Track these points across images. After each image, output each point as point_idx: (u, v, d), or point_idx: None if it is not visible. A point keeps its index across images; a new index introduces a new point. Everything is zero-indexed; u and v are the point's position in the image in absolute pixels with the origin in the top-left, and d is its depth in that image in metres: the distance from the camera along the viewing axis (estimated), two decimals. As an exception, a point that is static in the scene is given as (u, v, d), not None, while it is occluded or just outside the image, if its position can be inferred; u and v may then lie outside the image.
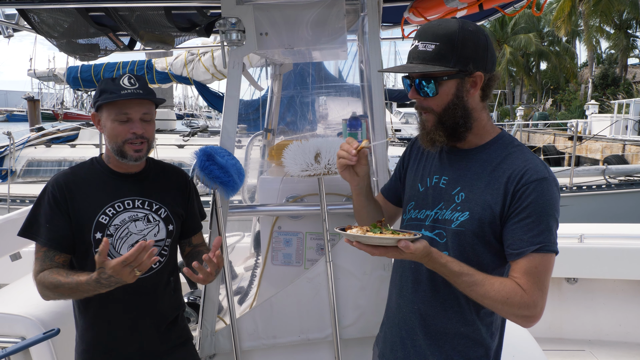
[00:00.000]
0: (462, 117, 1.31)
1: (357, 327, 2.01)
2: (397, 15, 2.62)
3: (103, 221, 1.56)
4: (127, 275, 1.35)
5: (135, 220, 1.60)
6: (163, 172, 1.73)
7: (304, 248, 2.15)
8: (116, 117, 1.54)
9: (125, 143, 1.54)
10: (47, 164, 8.01)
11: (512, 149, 1.33)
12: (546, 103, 36.16)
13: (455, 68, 1.25)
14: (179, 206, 1.70)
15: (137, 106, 1.55)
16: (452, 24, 1.26)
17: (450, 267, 1.22)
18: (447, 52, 1.24)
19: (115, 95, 1.51)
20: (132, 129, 1.54)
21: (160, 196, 1.66)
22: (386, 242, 1.14)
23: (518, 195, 1.24)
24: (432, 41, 1.25)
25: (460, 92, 1.29)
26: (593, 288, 3.47)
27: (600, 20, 27.41)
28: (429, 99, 1.31)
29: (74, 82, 7.95)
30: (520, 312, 1.22)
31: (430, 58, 1.26)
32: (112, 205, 1.58)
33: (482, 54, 1.28)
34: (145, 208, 1.62)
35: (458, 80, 1.28)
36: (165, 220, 1.65)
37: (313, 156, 1.82)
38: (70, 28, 2.40)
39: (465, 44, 1.24)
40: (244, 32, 1.91)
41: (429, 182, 1.42)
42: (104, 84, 1.56)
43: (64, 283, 1.46)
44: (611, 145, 15.08)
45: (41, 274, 1.52)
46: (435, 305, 1.38)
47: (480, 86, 1.30)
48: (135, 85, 1.54)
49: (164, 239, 1.65)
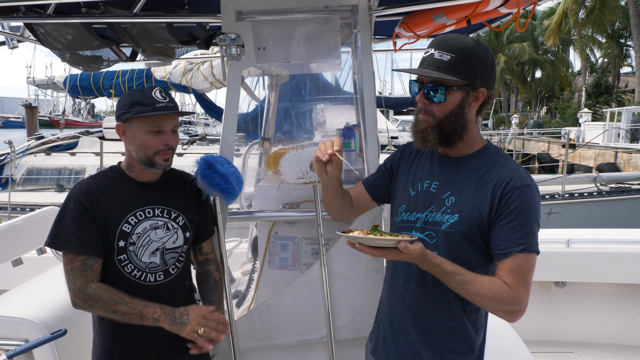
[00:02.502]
0: (460, 127, 1.42)
1: (351, 328, 2.08)
2: (390, 29, 2.73)
3: (126, 229, 1.61)
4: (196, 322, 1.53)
5: (156, 229, 1.66)
6: (179, 180, 1.80)
7: (300, 252, 2.23)
8: (150, 129, 1.59)
9: (156, 154, 1.61)
10: (47, 172, 8.03)
11: (498, 159, 1.45)
12: (541, 111, 36.48)
13: (465, 81, 1.37)
14: (194, 213, 1.77)
15: (170, 119, 1.62)
16: (468, 41, 1.39)
17: (443, 267, 1.32)
18: (461, 65, 1.36)
19: (150, 109, 1.56)
20: (165, 140, 1.61)
21: (178, 204, 1.73)
22: (387, 244, 1.24)
23: (504, 200, 1.35)
24: (448, 52, 1.37)
25: (464, 104, 1.41)
26: (581, 291, 3.57)
27: (593, 30, 27.79)
28: (434, 105, 1.41)
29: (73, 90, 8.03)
30: (507, 307, 1.33)
31: (444, 67, 1.37)
32: (134, 214, 1.63)
33: (489, 73, 1.41)
34: (164, 216, 1.68)
35: (464, 93, 1.40)
36: (183, 228, 1.72)
37: (308, 164, 1.91)
38: (75, 40, 2.49)
39: (477, 61, 1.37)
40: (243, 47, 2.00)
41: (420, 186, 1.53)
42: (136, 96, 1.59)
43: (129, 302, 1.54)
44: (604, 153, 15.26)
45: (94, 286, 1.54)
46: (424, 301, 1.48)
47: (480, 101, 1.42)
48: (167, 99, 1.60)
49: (181, 246, 1.71)
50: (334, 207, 1.70)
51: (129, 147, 1.66)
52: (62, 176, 7.88)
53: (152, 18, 2.14)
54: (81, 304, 1.55)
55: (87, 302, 1.54)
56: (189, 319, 1.54)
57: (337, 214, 1.74)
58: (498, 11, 2.12)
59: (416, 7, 2.06)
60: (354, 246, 1.29)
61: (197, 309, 1.58)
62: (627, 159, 13.77)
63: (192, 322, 1.54)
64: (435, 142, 1.44)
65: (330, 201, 1.68)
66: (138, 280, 1.64)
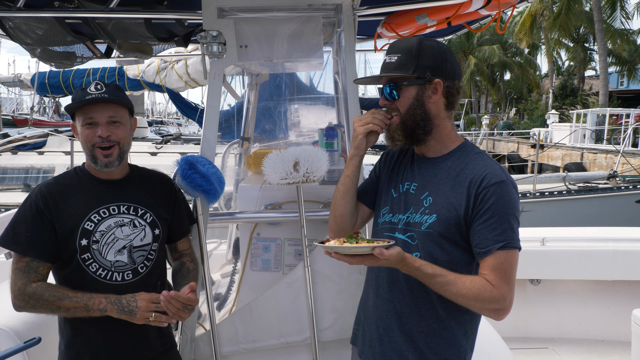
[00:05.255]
0: (422, 120, 1.44)
1: (334, 330, 2.07)
2: (370, 29, 2.74)
3: (88, 227, 1.56)
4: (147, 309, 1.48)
5: (122, 226, 1.61)
6: (147, 178, 1.75)
7: (282, 254, 2.21)
8: (84, 122, 1.56)
9: (94, 147, 1.56)
10: (13, 172, 7.73)
11: (473, 156, 1.46)
12: (510, 112, 37.42)
13: (414, 74, 1.41)
14: (164, 211, 1.72)
15: (102, 110, 1.56)
16: (412, 40, 1.45)
17: (423, 269, 1.32)
18: (407, 61, 1.42)
19: (81, 102, 1.54)
20: (97, 131, 1.55)
21: (145, 201, 1.67)
22: (362, 251, 1.25)
23: (480, 198, 1.36)
24: (395, 54, 1.44)
25: (421, 97, 1.43)
26: (555, 289, 3.66)
27: (559, 34, 28.68)
28: (395, 102, 1.46)
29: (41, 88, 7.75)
30: (491, 306, 1.34)
31: (393, 67, 1.44)
32: (97, 211, 1.59)
33: (441, 64, 1.43)
34: (130, 213, 1.63)
35: (418, 86, 1.43)
36: (151, 225, 1.66)
37: (292, 165, 1.89)
38: (47, 35, 2.40)
39: (422, 55, 1.41)
40: (224, 45, 1.96)
41: (401, 188, 1.53)
42: (75, 94, 1.59)
43: (72, 296, 1.49)
44: (570, 153, 15.76)
45: (33, 286, 1.51)
46: (409, 303, 1.48)
47: (440, 92, 1.44)
48: (102, 90, 1.56)
49: (150, 244, 1.66)
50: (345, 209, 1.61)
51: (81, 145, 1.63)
52: (29, 175, 7.60)
53: (130, 13, 2.07)
54: (22, 305, 1.52)
55: (28, 302, 1.51)
56: (137, 305, 1.50)
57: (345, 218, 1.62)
58: (479, 13, 2.15)
59: (400, 7, 2.07)
60: (331, 255, 1.30)
61: (144, 295, 1.53)
62: (593, 159, 14.27)
63: (141, 309, 1.50)
64: (401, 139, 1.46)
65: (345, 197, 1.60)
66: (103, 280, 1.59)
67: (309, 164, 1.89)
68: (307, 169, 1.89)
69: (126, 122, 1.63)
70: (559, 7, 26.86)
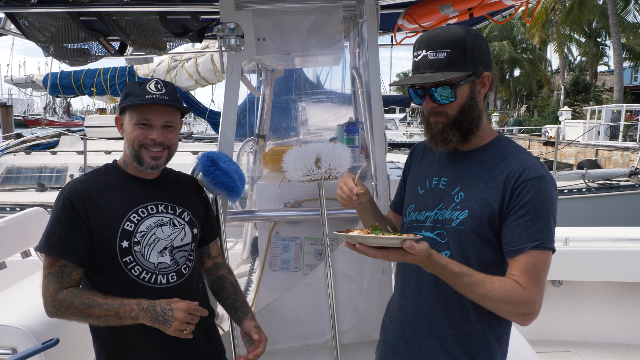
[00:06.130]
0: (477, 118, 1.36)
1: (356, 332, 2.01)
2: (387, 22, 2.67)
3: (129, 228, 1.48)
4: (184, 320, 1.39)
5: (162, 225, 1.53)
6: (177, 178, 1.69)
7: (302, 253, 2.15)
8: (137, 122, 1.48)
9: (141, 147, 1.49)
10: (27, 171, 7.77)
11: (510, 150, 1.37)
12: (520, 109, 37.05)
13: (469, 72, 1.31)
14: (198, 210, 1.67)
15: (160, 113, 1.49)
16: (458, 31, 1.31)
17: (450, 268, 1.23)
18: (460, 58, 1.30)
19: (138, 99, 1.46)
20: (151, 134, 1.49)
21: (181, 200, 1.62)
22: (391, 243, 1.12)
23: (517, 193, 1.27)
24: (442, 49, 1.30)
25: (474, 94, 1.34)
26: (578, 290, 3.55)
27: (571, 29, 28.31)
28: (445, 105, 1.34)
29: (53, 89, 7.78)
30: (520, 309, 1.25)
31: (444, 65, 1.30)
32: (136, 211, 1.51)
33: (486, 55, 1.35)
34: (169, 212, 1.57)
35: (471, 83, 1.33)
36: (190, 224, 1.60)
37: (314, 161, 1.83)
38: (61, 32, 2.36)
39: (473, 48, 1.31)
40: (242, 37, 1.90)
41: (428, 184, 1.45)
42: (130, 87, 1.51)
43: (102, 303, 1.39)
44: (584, 150, 15.54)
45: (65, 292, 1.41)
46: (439, 305, 1.40)
47: (488, 86, 1.36)
48: (162, 91, 1.48)
49: (189, 243, 1.59)
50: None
51: (125, 141, 1.55)
52: (43, 174, 7.64)
53: (145, 7, 2.02)
54: (54, 311, 1.42)
55: (59, 309, 1.41)
56: (174, 316, 1.38)
57: None
58: (502, 3, 2.07)
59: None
60: (353, 247, 1.18)
61: (182, 304, 1.42)
62: (608, 156, 14.04)
63: (178, 320, 1.38)
64: (458, 140, 1.36)
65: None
66: (148, 284, 1.49)
67: (331, 160, 1.82)
68: (329, 165, 1.82)
69: (178, 127, 1.59)
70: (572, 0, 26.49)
